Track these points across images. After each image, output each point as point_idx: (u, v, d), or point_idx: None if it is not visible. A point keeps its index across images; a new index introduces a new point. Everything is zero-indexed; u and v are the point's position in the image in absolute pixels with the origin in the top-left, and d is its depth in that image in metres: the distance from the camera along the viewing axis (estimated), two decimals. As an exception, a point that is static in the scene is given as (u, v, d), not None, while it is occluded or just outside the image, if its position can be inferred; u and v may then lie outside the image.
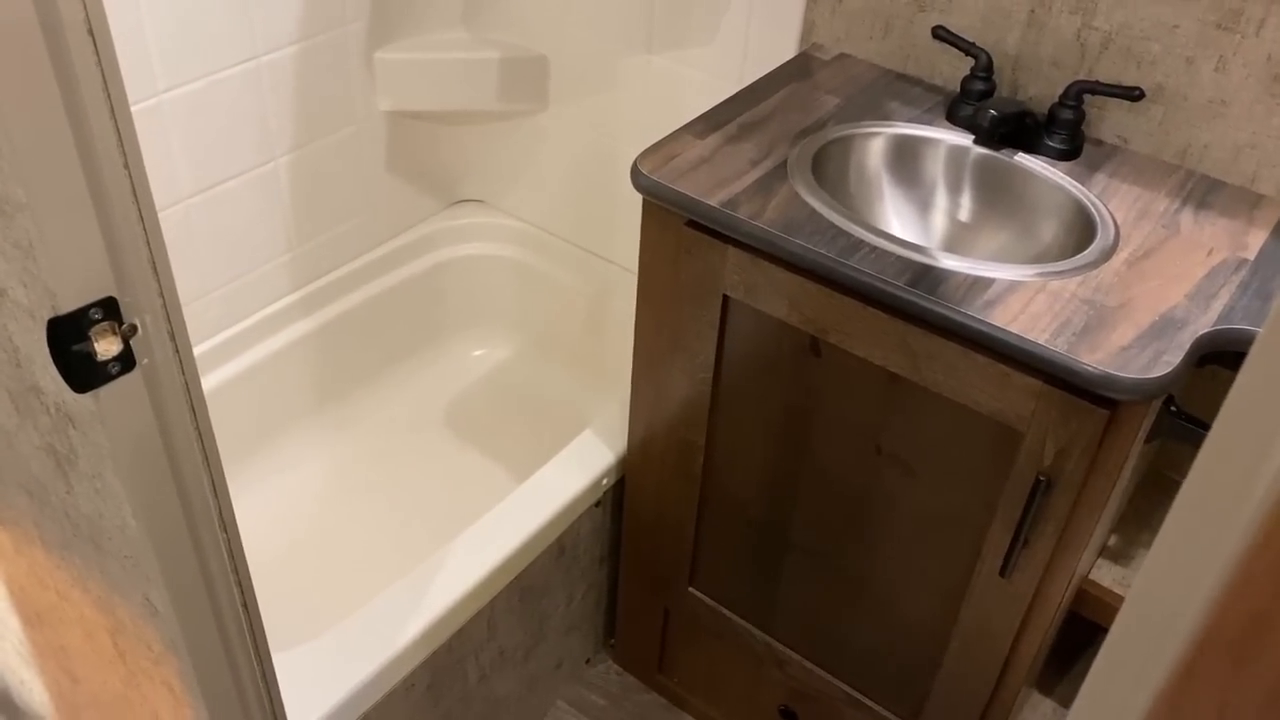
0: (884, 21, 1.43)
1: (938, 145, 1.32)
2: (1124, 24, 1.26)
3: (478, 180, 2.09)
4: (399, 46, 1.81)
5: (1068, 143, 1.28)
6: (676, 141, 1.30)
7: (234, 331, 1.77)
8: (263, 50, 1.60)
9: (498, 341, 2.16)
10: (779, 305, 1.21)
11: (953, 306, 1.06)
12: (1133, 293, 1.09)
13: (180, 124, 1.53)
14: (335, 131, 1.79)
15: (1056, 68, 1.33)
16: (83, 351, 0.70)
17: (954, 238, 1.33)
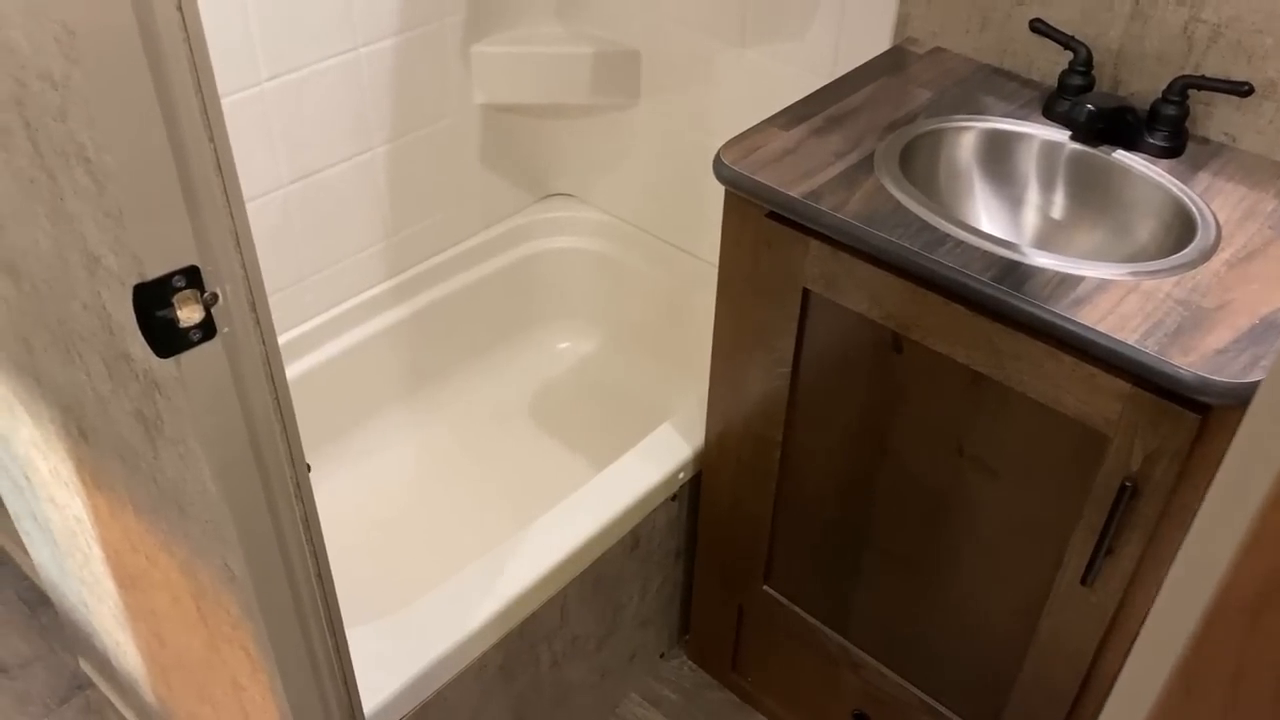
0: (981, 15, 1.40)
1: (1031, 141, 1.29)
2: (1234, 16, 1.20)
3: (568, 174, 2.11)
4: (495, 40, 1.84)
5: (1170, 140, 1.23)
6: (761, 133, 1.29)
7: (328, 316, 1.82)
8: (362, 42, 1.64)
9: (583, 334, 2.17)
10: (860, 300, 1.19)
11: (1039, 304, 1.03)
12: (1232, 295, 1.04)
13: (281, 112, 1.58)
14: (431, 123, 1.82)
15: (1160, 62, 1.28)
16: (166, 318, 0.73)
17: (1045, 235, 1.29)
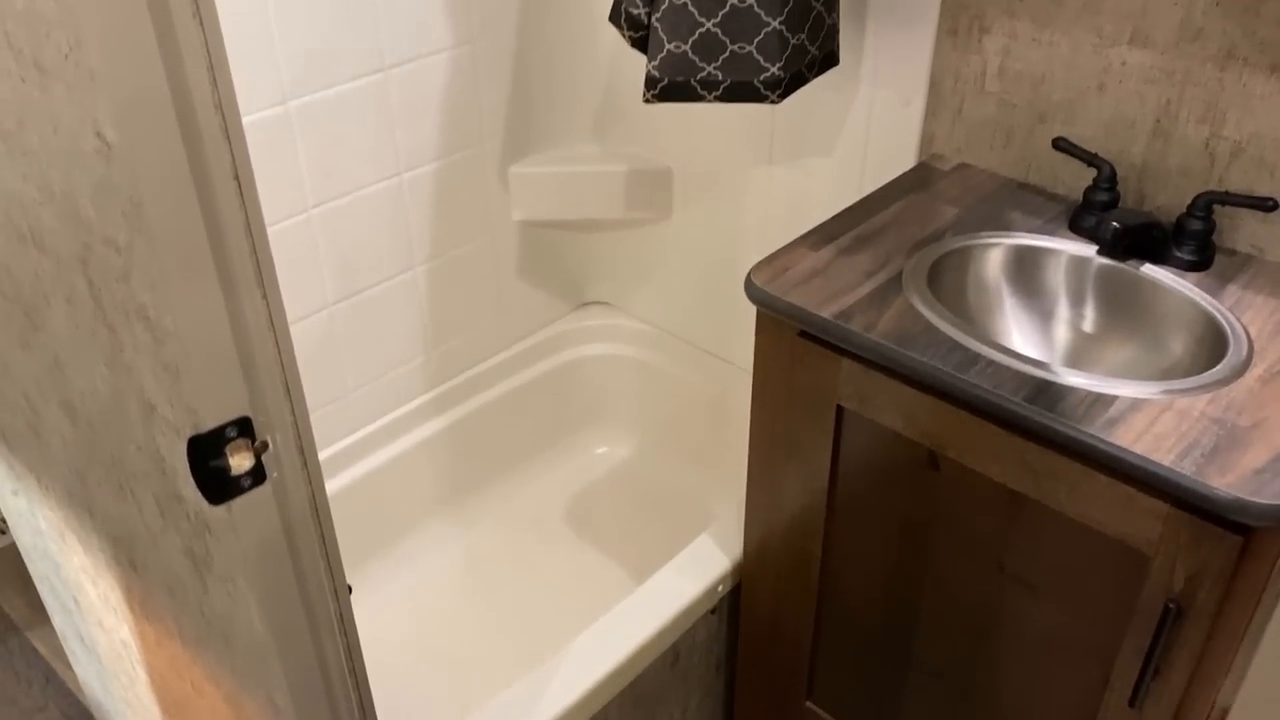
0: (1005, 132, 1.43)
1: (1059, 256, 1.30)
2: (1255, 133, 1.22)
3: (604, 283, 2.15)
4: (532, 161, 1.90)
5: (1197, 253, 1.25)
6: (791, 253, 1.32)
7: (369, 430, 1.85)
8: (405, 168, 1.70)
9: (620, 439, 2.19)
10: (894, 418, 1.20)
11: (1073, 425, 1.03)
12: (1267, 411, 1.04)
13: (327, 236, 1.64)
14: (471, 241, 1.88)
15: (1184, 177, 1.30)
16: (218, 467, 0.76)
17: (1077, 350, 1.30)
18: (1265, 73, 1.19)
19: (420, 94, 1.68)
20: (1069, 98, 1.35)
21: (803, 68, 1.40)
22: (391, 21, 1.58)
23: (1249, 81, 1.21)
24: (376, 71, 1.60)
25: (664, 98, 1.40)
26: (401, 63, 1.63)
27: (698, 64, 1.36)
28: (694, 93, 1.39)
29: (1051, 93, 1.37)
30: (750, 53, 1.34)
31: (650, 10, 1.37)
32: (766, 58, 1.34)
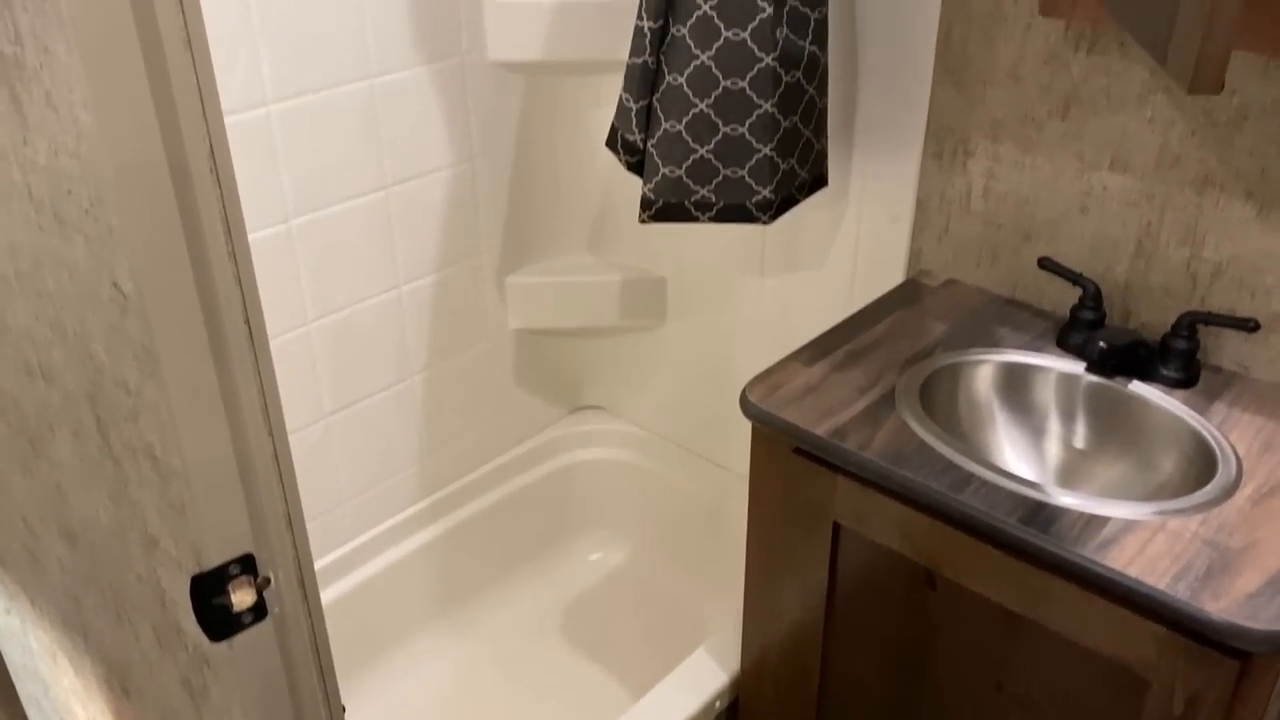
0: (990, 250, 1.47)
1: (1048, 373, 1.33)
2: (1234, 255, 1.26)
3: (599, 388, 2.17)
4: (529, 271, 1.93)
5: (1183, 371, 1.27)
6: (785, 369, 1.34)
7: (362, 540, 1.84)
8: (404, 280, 1.73)
9: (615, 545, 2.19)
10: (891, 536, 1.21)
11: (1067, 547, 1.04)
12: (1259, 534, 1.05)
13: (325, 349, 1.66)
14: (467, 349, 1.90)
15: (1168, 296, 1.33)
16: (221, 604, 0.76)
17: (1069, 467, 1.32)
18: (1241, 198, 1.23)
19: (420, 209, 1.71)
20: (1053, 218, 1.39)
21: (793, 190, 1.44)
22: (394, 143, 1.63)
23: (1226, 206, 1.25)
24: (378, 189, 1.63)
25: (659, 218, 1.44)
26: (403, 180, 1.67)
27: (692, 187, 1.40)
28: (688, 214, 1.43)
29: (1035, 213, 1.41)
30: (742, 177, 1.38)
31: (646, 137, 1.41)
32: (758, 181, 1.38)
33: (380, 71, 1.57)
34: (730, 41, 1.31)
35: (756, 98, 1.34)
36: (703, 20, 1.31)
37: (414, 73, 1.62)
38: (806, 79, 1.37)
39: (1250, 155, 1.21)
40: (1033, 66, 1.34)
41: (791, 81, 1.35)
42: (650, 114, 1.40)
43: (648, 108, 1.40)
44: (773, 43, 1.31)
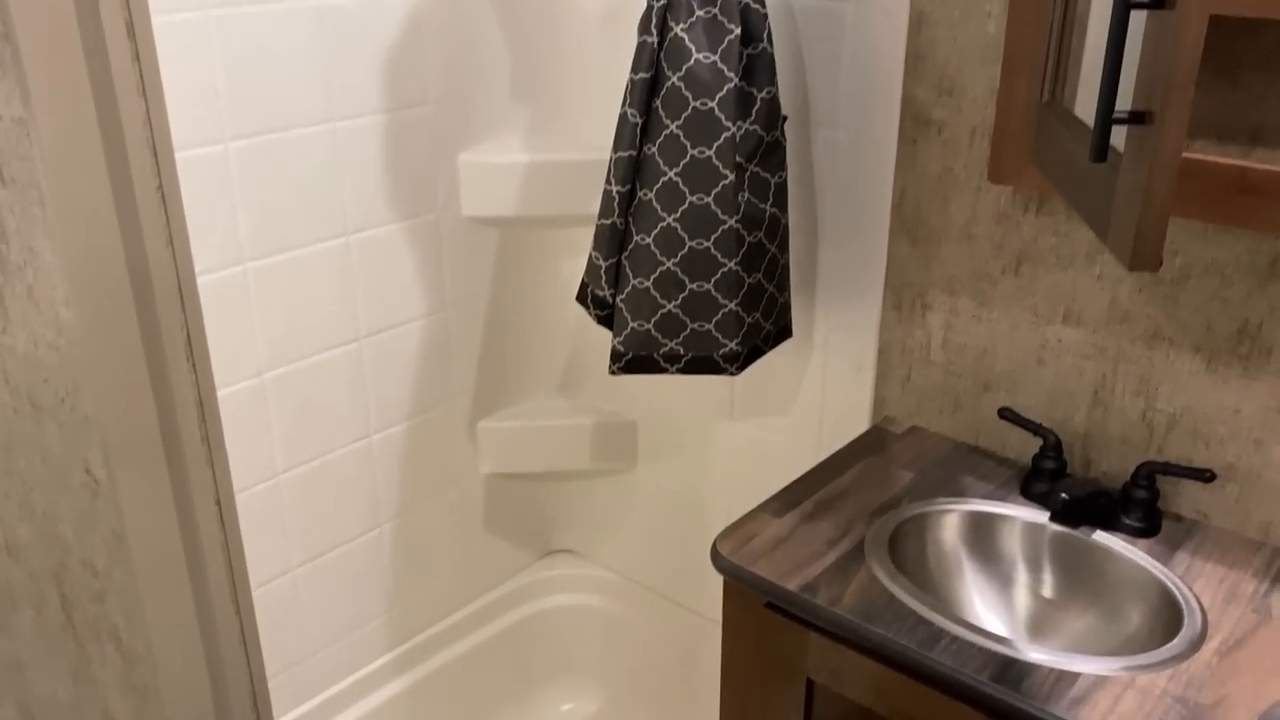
0: (953, 399, 1.51)
1: (1014, 523, 1.34)
2: (1187, 406, 1.30)
3: (570, 532, 2.16)
4: (500, 416, 1.95)
5: (1145, 520, 1.29)
6: (755, 520, 1.35)
7: (332, 692, 1.80)
8: (375, 429, 1.74)
9: (587, 694, 2.14)
10: (864, 693, 1.20)
11: (1039, 705, 1.04)
12: (1226, 688, 1.06)
13: (294, 502, 1.65)
14: (437, 495, 1.90)
15: (1126, 445, 1.36)
16: (181, 793, 0.74)
17: (1038, 618, 1.32)
18: (1190, 352, 1.28)
19: (393, 359, 1.74)
20: (1011, 369, 1.43)
21: (759, 342, 1.48)
22: (369, 296, 1.66)
23: (1176, 359, 1.29)
24: (352, 341, 1.66)
25: (629, 370, 1.46)
26: (376, 332, 1.69)
27: (660, 340, 1.44)
28: (657, 365, 1.46)
29: (994, 364, 1.45)
30: (709, 330, 1.42)
31: (615, 293, 1.45)
32: (724, 335, 1.42)
33: (357, 229, 1.62)
34: (695, 205, 1.36)
35: (721, 257, 1.38)
36: (669, 186, 1.36)
37: (390, 229, 1.66)
38: (768, 238, 1.43)
39: (1195, 312, 1.26)
40: (985, 226, 1.40)
41: (754, 241, 1.40)
42: (619, 271, 1.44)
43: (616, 265, 1.44)
44: (735, 206, 1.36)
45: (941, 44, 1.37)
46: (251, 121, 1.44)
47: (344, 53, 1.52)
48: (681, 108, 1.35)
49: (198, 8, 1.34)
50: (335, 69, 1.52)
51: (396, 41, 1.59)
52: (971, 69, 1.35)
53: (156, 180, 0.61)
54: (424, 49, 1.63)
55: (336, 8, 1.50)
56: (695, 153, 1.35)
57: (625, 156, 1.40)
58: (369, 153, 1.60)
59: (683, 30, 1.33)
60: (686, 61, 1.33)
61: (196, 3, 1.33)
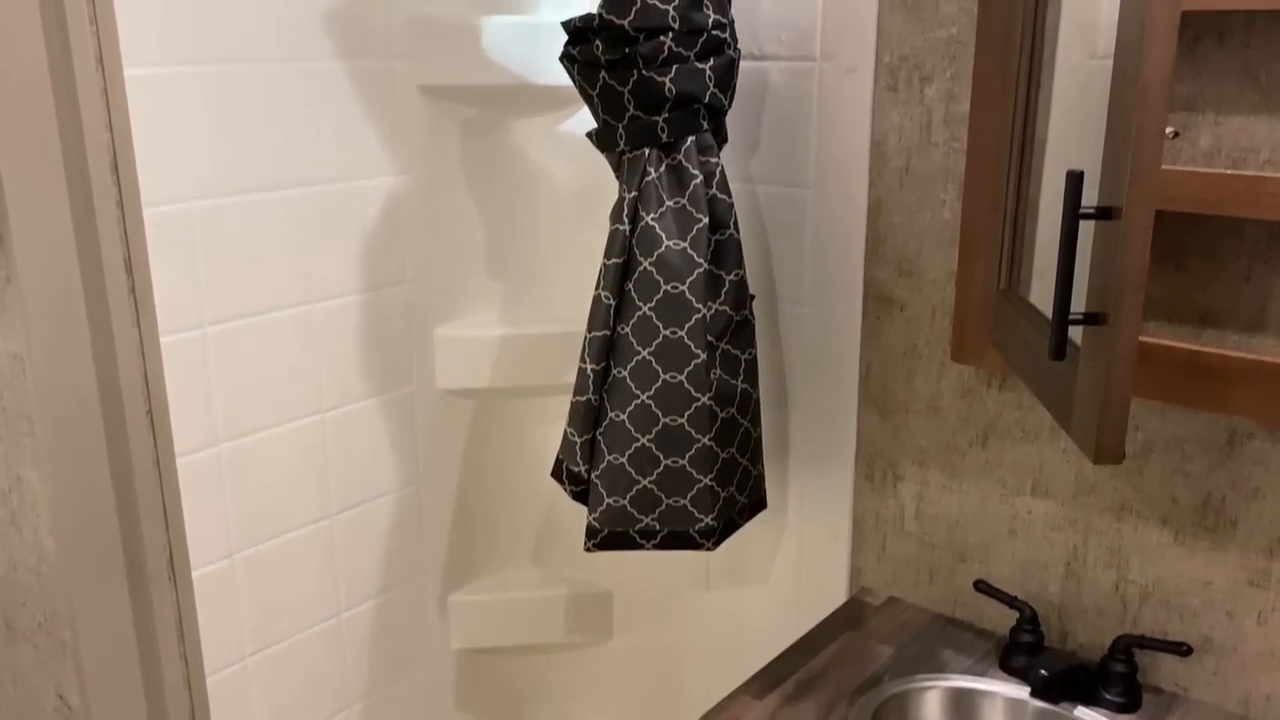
0: (928, 570, 1.51)
1: (995, 699, 1.33)
2: (1158, 579, 1.31)
3: (544, 707, 2.10)
4: (472, 589, 1.92)
5: (1125, 695, 1.29)
6: (736, 703, 1.33)
7: None
8: (345, 608, 1.71)
9: None
10: None
11: None
12: None
13: (261, 686, 1.60)
14: (407, 674, 1.85)
15: (1101, 617, 1.37)
16: None
17: (1027, 798, 1.30)
18: (1157, 525, 1.30)
19: (364, 535, 1.72)
20: (984, 540, 1.45)
21: (734, 515, 1.49)
22: (341, 472, 1.66)
23: (1144, 532, 1.31)
24: (323, 519, 1.65)
25: (604, 547, 1.46)
26: (348, 508, 1.68)
27: (636, 515, 1.44)
28: (633, 542, 1.46)
29: (967, 535, 1.46)
30: (685, 505, 1.43)
31: (590, 468, 1.46)
32: (700, 510, 1.43)
33: (331, 406, 1.63)
34: (668, 383, 1.39)
35: (695, 433, 1.40)
36: (642, 365, 1.39)
37: (364, 404, 1.68)
38: (740, 413, 1.45)
39: (1160, 485, 1.29)
40: (950, 399, 1.43)
41: (727, 417, 1.43)
42: (594, 447, 1.46)
43: (591, 441, 1.46)
44: (708, 384, 1.39)
45: (899, 228, 1.43)
46: (230, 307, 1.46)
47: (323, 236, 1.57)
48: (653, 291, 1.39)
49: (181, 199, 1.38)
50: (314, 252, 1.56)
51: (375, 223, 1.63)
52: (929, 252, 1.41)
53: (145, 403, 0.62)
54: (401, 229, 1.68)
55: (316, 194, 1.54)
56: (667, 333, 1.39)
57: (599, 336, 1.43)
58: (346, 332, 1.63)
59: (653, 220, 1.38)
60: (658, 248, 1.38)
61: (180, 194, 1.37)
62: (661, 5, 1.32)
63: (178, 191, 1.37)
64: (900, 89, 1.39)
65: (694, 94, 1.36)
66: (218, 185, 1.42)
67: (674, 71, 1.34)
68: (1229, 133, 1.16)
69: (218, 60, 1.39)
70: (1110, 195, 0.86)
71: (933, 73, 1.36)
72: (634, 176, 1.40)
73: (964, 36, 1.32)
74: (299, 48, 1.48)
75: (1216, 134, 1.17)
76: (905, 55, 1.38)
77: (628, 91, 1.37)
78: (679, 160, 1.39)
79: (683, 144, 1.38)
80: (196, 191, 1.39)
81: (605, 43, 1.35)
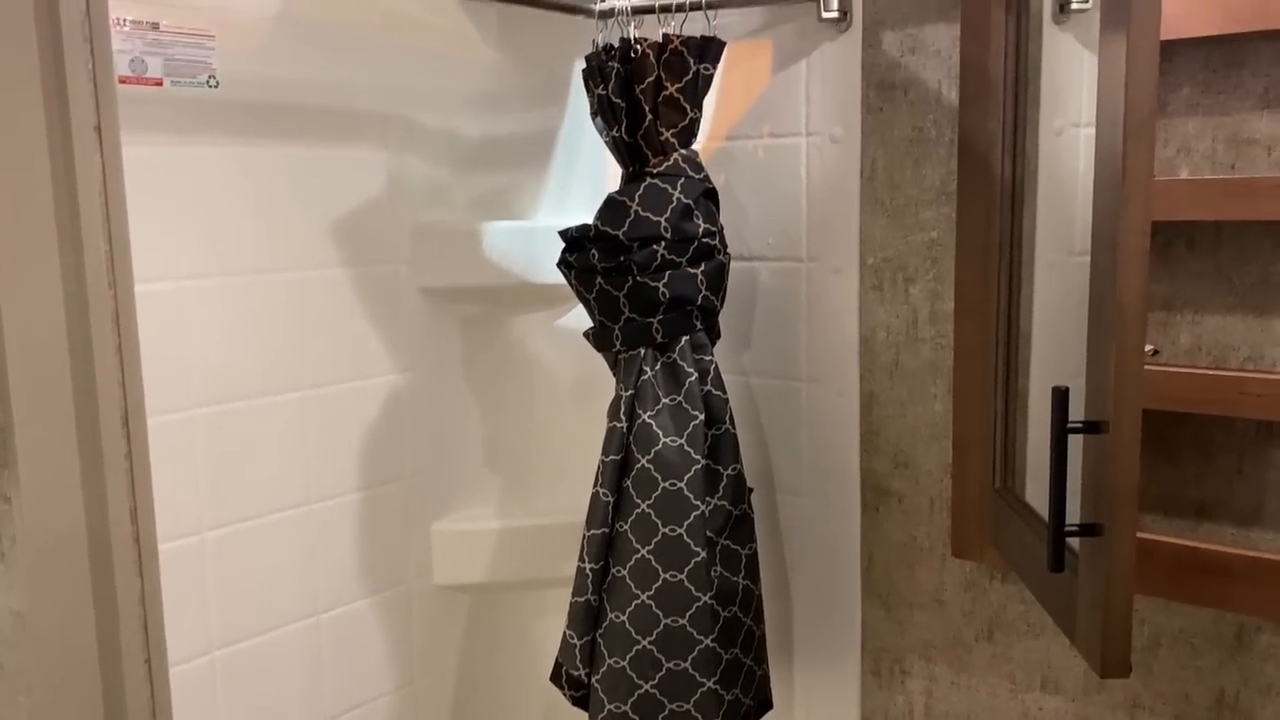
0: (940, 770, 1.46)
1: None
2: (1178, 780, 1.27)
3: None
4: (468, 793, 1.85)
5: None
6: None
7: None
8: (337, 819, 1.64)
9: None
10: None
11: None
12: None
13: None
14: None
15: (1123, 821, 1.32)
16: None
17: None
18: (1172, 723, 1.27)
19: (359, 741, 1.67)
20: (996, 739, 1.41)
21: (738, 718, 1.45)
22: (336, 676, 1.62)
23: (1160, 730, 1.28)
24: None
25: (606, 754, 1.42)
26: (341, 714, 1.64)
27: (638, 721, 1.40)
28: (635, 748, 1.42)
29: (979, 734, 1.42)
30: (689, 710, 1.39)
31: (590, 673, 1.43)
32: (704, 715, 1.39)
33: (328, 607, 1.61)
34: (669, 582, 1.38)
35: (697, 634, 1.38)
36: (641, 563, 1.39)
37: (361, 604, 1.66)
38: (743, 611, 1.43)
39: (1171, 680, 1.26)
40: (954, 593, 1.42)
41: (729, 616, 1.41)
42: (594, 650, 1.43)
43: (591, 644, 1.44)
44: (708, 582, 1.38)
45: (892, 421, 1.45)
46: (230, 511, 1.46)
47: (324, 437, 1.58)
48: (651, 488, 1.40)
49: (184, 408, 1.40)
50: (315, 453, 1.57)
51: (375, 422, 1.65)
52: (924, 445, 1.43)
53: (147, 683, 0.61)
54: (402, 427, 1.69)
55: (318, 396, 1.57)
56: (666, 530, 1.39)
57: (598, 534, 1.43)
58: (343, 531, 1.62)
59: (650, 417, 1.40)
60: (655, 445, 1.39)
61: (184, 403, 1.40)
62: (654, 217, 1.38)
63: (181, 400, 1.39)
64: (885, 288, 1.44)
65: (687, 297, 1.40)
66: (221, 392, 1.44)
67: (667, 277, 1.39)
68: (1208, 331, 1.19)
69: (224, 273, 1.44)
70: (1097, 410, 0.88)
71: (916, 274, 1.41)
72: (630, 375, 1.43)
73: (944, 240, 1.38)
74: (304, 257, 1.53)
75: (1196, 332, 1.20)
76: (888, 257, 1.43)
77: (623, 296, 1.41)
78: (674, 359, 1.42)
79: (677, 343, 1.42)
80: (201, 399, 1.42)
81: (601, 251, 1.41)
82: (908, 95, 1.38)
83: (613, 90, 1.40)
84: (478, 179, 1.76)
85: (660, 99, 1.39)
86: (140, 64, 1.33)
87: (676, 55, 1.38)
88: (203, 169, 1.40)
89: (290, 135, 1.50)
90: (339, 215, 1.57)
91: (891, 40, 1.38)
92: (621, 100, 1.41)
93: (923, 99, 1.37)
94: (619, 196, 1.41)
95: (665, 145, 1.40)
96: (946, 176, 1.36)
